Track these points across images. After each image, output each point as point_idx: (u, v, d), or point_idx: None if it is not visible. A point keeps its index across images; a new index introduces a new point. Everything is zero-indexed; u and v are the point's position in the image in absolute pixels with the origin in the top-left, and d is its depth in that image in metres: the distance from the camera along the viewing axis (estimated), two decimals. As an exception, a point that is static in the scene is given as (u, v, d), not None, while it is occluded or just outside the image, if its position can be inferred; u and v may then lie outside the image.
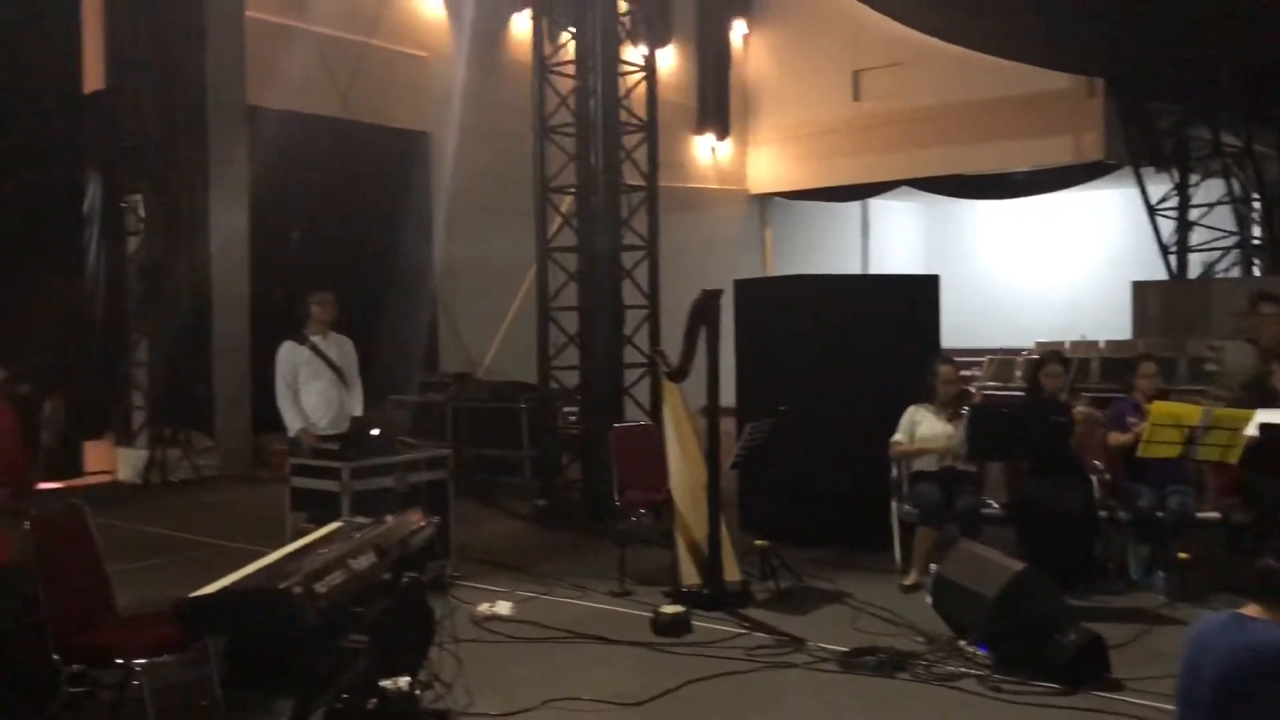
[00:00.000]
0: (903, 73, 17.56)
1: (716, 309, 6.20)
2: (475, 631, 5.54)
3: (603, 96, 8.52)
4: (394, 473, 6.30)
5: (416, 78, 13.65)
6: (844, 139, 18.37)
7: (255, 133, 11.82)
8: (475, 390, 11.10)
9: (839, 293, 8.30)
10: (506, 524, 8.79)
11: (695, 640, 5.47)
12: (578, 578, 6.73)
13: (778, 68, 19.23)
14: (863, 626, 5.69)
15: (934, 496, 6.38)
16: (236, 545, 7.79)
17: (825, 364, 7.57)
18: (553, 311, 9.06)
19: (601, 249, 8.63)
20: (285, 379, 6.77)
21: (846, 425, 7.29)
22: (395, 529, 4.19)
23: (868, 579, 6.58)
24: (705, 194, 18.61)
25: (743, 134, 19.52)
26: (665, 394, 6.78)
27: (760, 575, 6.45)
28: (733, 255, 18.06)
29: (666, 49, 16.70)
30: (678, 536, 6.34)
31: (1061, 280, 21.02)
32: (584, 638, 5.54)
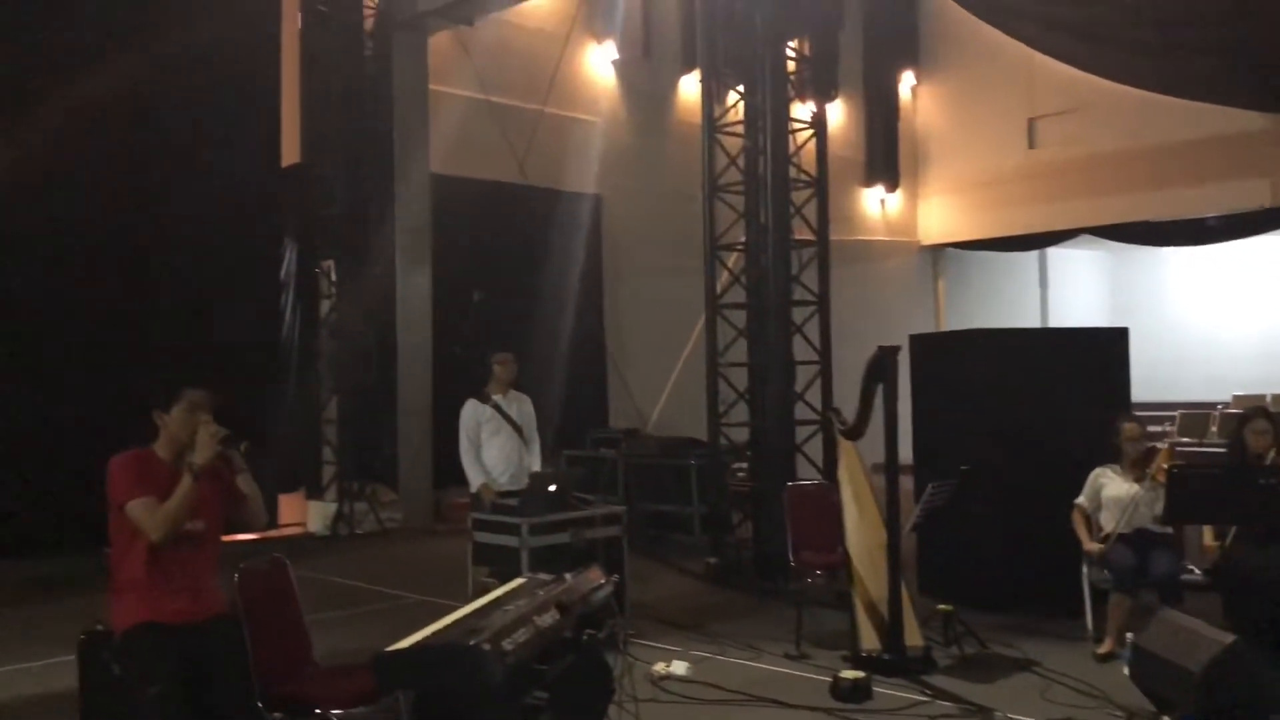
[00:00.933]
0: (1081, 118, 17.03)
1: (894, 366, 6.09)
2: (652, 691, 5.54)
3: (772, 155, 8.56)
4: (571, 529, 6.40)
5: (588, 142, 14.05)
6: (1019, 187, 17.90)
7: (438, 200, 12.39)
8: (645, 446, 11.19)
9: (1023, 347, 8.04)
10: (678, 581, 8.78)
11: (876, 707, 5.32)
12: (752, 638, 6.66)
13: (948, 117, 18.95)
14: (1054, 697, 5.42)
15: (1129, 561, 6.06)
16: (419, 597, 8.07)
17: (1009, 421, 7.32)
18: (722, 368, 9.09)
19: (771, 305, 8.62)
20: (469, 436, 6.99)
21: (1032, 485, 7.02)
22: (577, 586, 4.24)
23: (1057, 647, 6.28)
24: (875, 246, 18.40)
25: (913, 185, 19.26)
26: (841, 452, 6.69)
27: (943, 641, 6.23)
28: (904, 308, 17.76)
29: (834, 103, 16.68)
30: (855, 599, 6.20)
31: (1259, 329, 19.75)
32: (762, 701, 5.46)
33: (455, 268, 12.42)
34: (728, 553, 8.91)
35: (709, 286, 9.13)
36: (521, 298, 12.89)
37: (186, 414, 4.07)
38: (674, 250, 13.10)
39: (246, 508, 4.22)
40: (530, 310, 12.87)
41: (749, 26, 8.68)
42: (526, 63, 13.42)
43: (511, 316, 12.45)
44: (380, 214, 12.13)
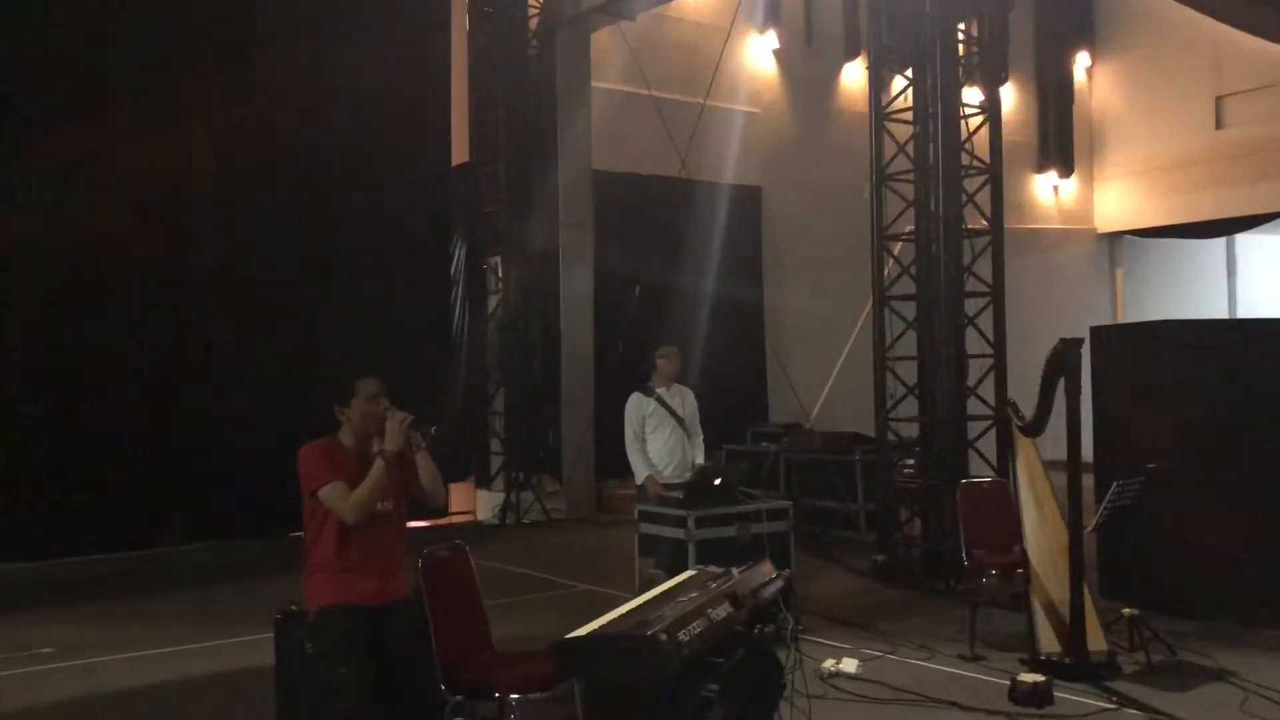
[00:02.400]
0: (1274, 94, 15.96)
1: (1077, 359, 5.84)
2: (822, 687, 5.47)
3: (943, 141, 8.32)
4: (737, 523, 6.38)
5: (749, 133, 13.98)
6: (1205, 170, 16.91)
7: (601, 196, 12.55)
8: (808, 441, 11.07)
9: (1214, 338, 7.61)
10: (843, 579, 8.66)
11: (1058, 713, 5.13)
12: (923, 638, 6.51)
13: (1127, 99, 18.07)
14: (1253, 709, 5.11)
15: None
16: (587, 586, 8.19)
17: (1203, 416, 6.93)
18: (890, 361, 8.89)
19: (941, 295, 8.38)
20: (634, 428, 7.04)
21: (1227, 484, 6.63)
22: (748, 579, 4.23)
23: (1257, 656, 5.92)
24: (1048, 235, 17.71)
25: (1088, 170, 18.45)
26: (1019, 449, 6.45)
27: (1128, 647, 5.94)
28: (1080, 298, 17.04)
29: (1005, 86, 16.11)
30: (1034, 600, 5.97)
31: None
32: (938, 702, 5.33)
33: (616, 262, 12.54)
34: (895, 550, 8.72)
35: (876, 277, 8.93)
36: (682, 291, 12.92)
37: (366, 404, 4.24)
38: (835, 241, 12.92)
39: (428, 488, 4.33)
40: (690, 304, 12.89)
41: (917, 10, 8.45)
42: (687, 56, 13.43)
43: (672, 310, 12.50)
44: (543, 210, 12.36)
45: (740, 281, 13.64)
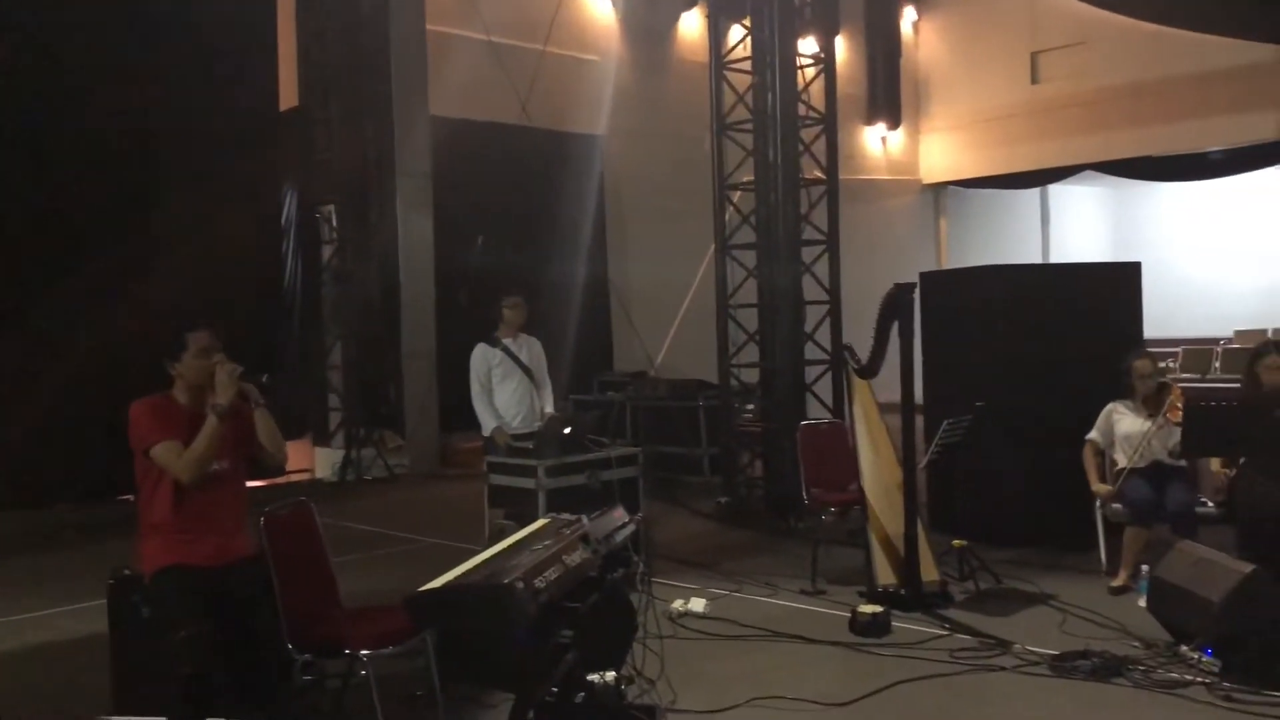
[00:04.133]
0: (1085, 52, 16.84)
1: (910, 303, 6.06)
2: (672, 628, 5.57)
3: (781, 91, 8.46)
4: (587, 471, 6.41)
5: (589, 82, 13.87)
6: (1022, 124, 17.75)
7: (438, 141, 12.25)
8: (654, 389, 11.19)
9: (1034, 283, 8.01)
10: (690, 522, 8.83)
11: (895, 641, 5.37)
12: (767, 575, 6.71)
13: (950, 53, 18.74)
14: (1071, 629, 5.46)
15: (1144, 495, 6.08)
16: (434, 540, 8.10)
17: (1021, 358, 7.32)
18: (731, 308, 9.05)
19: (780, 244, 8.56)
20: (480, 380, 6.96)
21: (1044, 421, 7.04)
22: (601, 525, 4.26)
23: (1071, 580, 6.32)
24: (877, 185, 18.28)
25: (914, 123, 19.09)
26: (855, 391, 6.67)
27: (958, 576, 6.28)
28: (907, 246, 17.70)
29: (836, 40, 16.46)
30: (871, 536, 6.23)
31: (1261, 265, 19.69)
32: (782, 636, 5.51)
33: (458, 211, 12.31)
34: (739, 492, 8.95)
35: (718, 226, 9.06)
36: (525, 241, 12.81)
37: (197, 359, 4.05)
38: (678, 190, 13.00)
39: (267, 446, 4.17)
40: (534, 253, 12.79)
41: (755, -41, 8.53)
42: (526, 1, 13.20)
43: (515, 259, 12.38)
44: (380, 158, 12.00)
45: (584, 230, 13.61)
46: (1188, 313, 18.11)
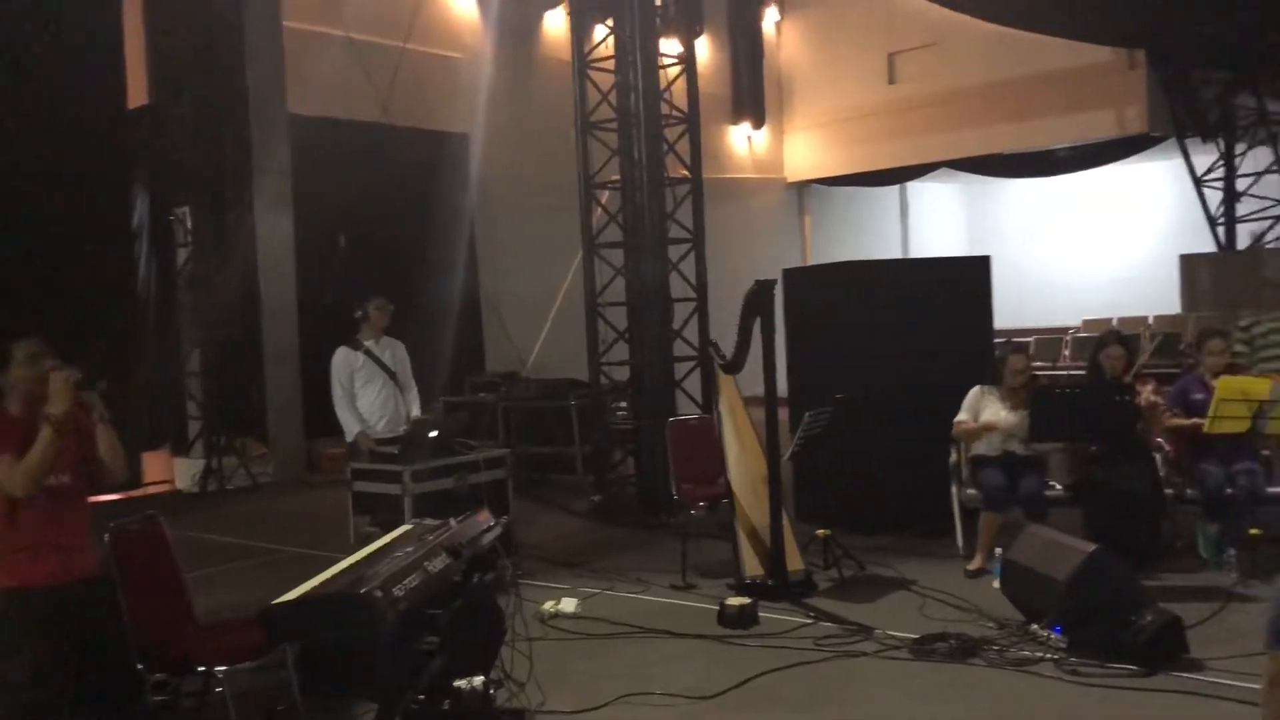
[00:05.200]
0: (938, 53, 17.40)
1: (770, 299, 6.17)
2: (542, 629, 5.56)
3: (643, 90, 8.51)
4: (454, 474, 6.34)
5: (453, 79, 13.71)
6: (880, 122, 18.24)
7: (297, 141, 11.93)
8: (525, 389, 11.14)
9: (890, 277, 8.25)
10: (563, 521, 8.81)
11: (763, 631, 5.46)
12: (639, 572, 6.75)
13: (811, 54, 19.13)
14: (930, 613, 5.65)
15: (998, 481, 6.32)
16: (298, 550, 7.90)
17: (878, 350, 7.53)
18: (600, 307, 9.07)
19: (647, 242, 8.62)
20: (341, 384, 6.82)
21: (901, 410, 7.25)
22: (466, 529, 4.21)
23: (931, 565, 6.54)
24: (743, 184, 18.55)
25: (778, 122, 19.44)
26: (720, 386, 6.77)
27: (823, 564, 6.43)
28: (773, 244, 18.01)
29: (699, 40, 16.65)
30: (738, 528, 6.33)
31: (1107, 257, 20.73)
32: (652, 632, 5.55)
33: (319, 212, 12.01)
34: (611, 490, 8.98)
35: (584, 225, 9.07)
36: (392, 241, 12.58)
37: (27, 368, 3.83)
38: (547, 189, 12.93)
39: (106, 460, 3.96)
40: (399, 254, 12.58)
41: (615, -41, 8.56)
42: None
43: (380, 260, 12.15)
44: (237, 157, 11.62)
45: (451, 230, 13.44)
46: (1039, 303, 18.94)
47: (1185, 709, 4.27)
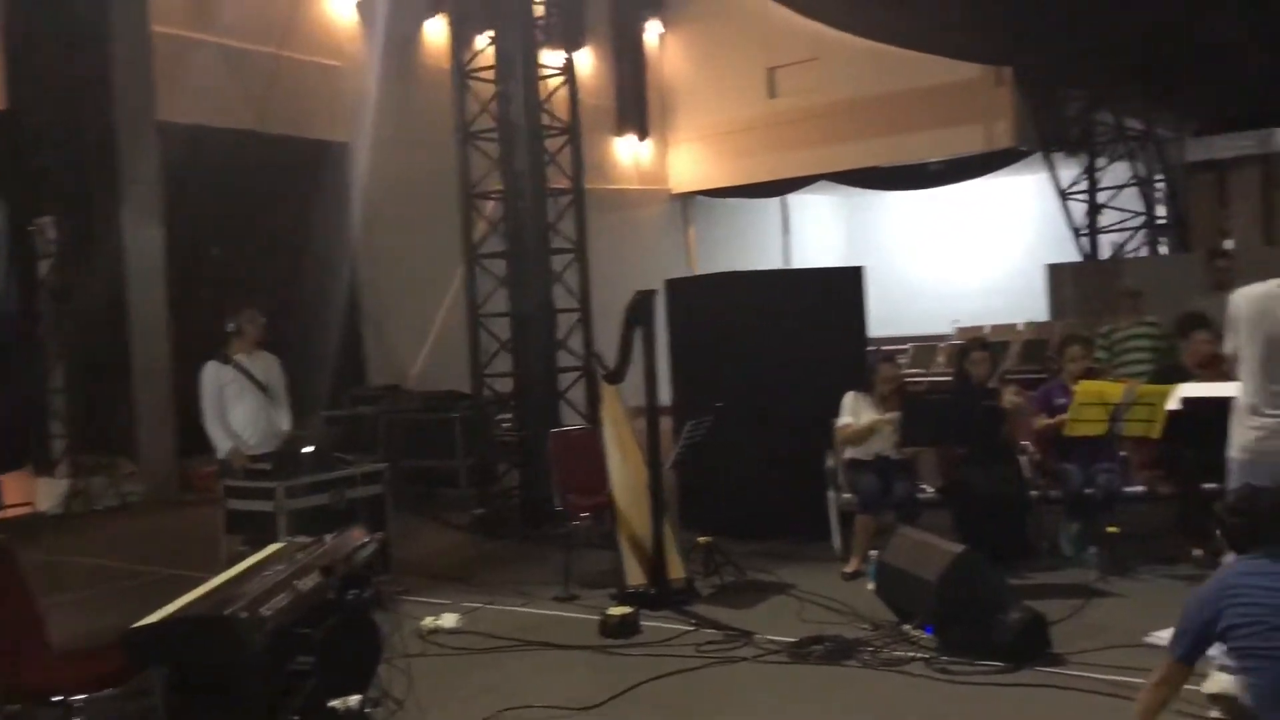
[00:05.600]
0: (817, 68, 17.77)
1: (651, 309, 6.22)
2: (422, 645, 5.48)
3: (524, 100, 8.50)
4: (330, 490, 6.21)
5: (330, 87, 13.46)
6: (761, 135, 18.54)
7: (167, 149, 11.55)
8: (406, 401, 10.99)
9: (769, 287, 8.40)
10: (445, 535, 8.71)
11: (644, 640, 5.48)
12: (522, 585, 6.71)
13: (693, 67, 19.34)
14: (808, 616, 5.75)
15: (873, 485, 6.48)
16: (170, 571, 7.61)
17: (758, 359, 7.65)
18: (482, 318, 9.00)
19: (529, 252, 8.60)
20: (211, 400, 6.63)
21: (780, 418, 7.38)
22: (338, 547, 4.14)
23: (810, 569, 6.65)
24: (628, 195, 18.65)
25: (662, 134, 19.60)
26: (603, 396, 6.78)
27: (704, 572, 6.49)
28: (658, 255, 18.12)
29: (582, 51, 16.71)
30: (620, 538, 6.35)
31: (979, 267, 21.45)
32: (533, 645, 5.52)
33: (190, 221, 11.64)
34: (495, 503, 8.90)
35: (465, 235, 8.99)
36: (268, 251, 12.27)
37: None
38: (429, 199, 12.77)
39: None
40: (276, 265, 12.28)
41: (494, -31, 8.54)
42: (260, 3, 12.67)
43: (255, 271, 11.83)
44: (103, 166, 11.19)
45: (330, 241, 13.16)
46: (915, 312, 19.47)
47: (1047, 702, 4.43)
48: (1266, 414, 4.17)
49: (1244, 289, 4.42)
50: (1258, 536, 3.33)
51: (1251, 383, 4.24)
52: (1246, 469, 4.25)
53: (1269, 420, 4.15)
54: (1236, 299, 4.38)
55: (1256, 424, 4.19)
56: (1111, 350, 7.67)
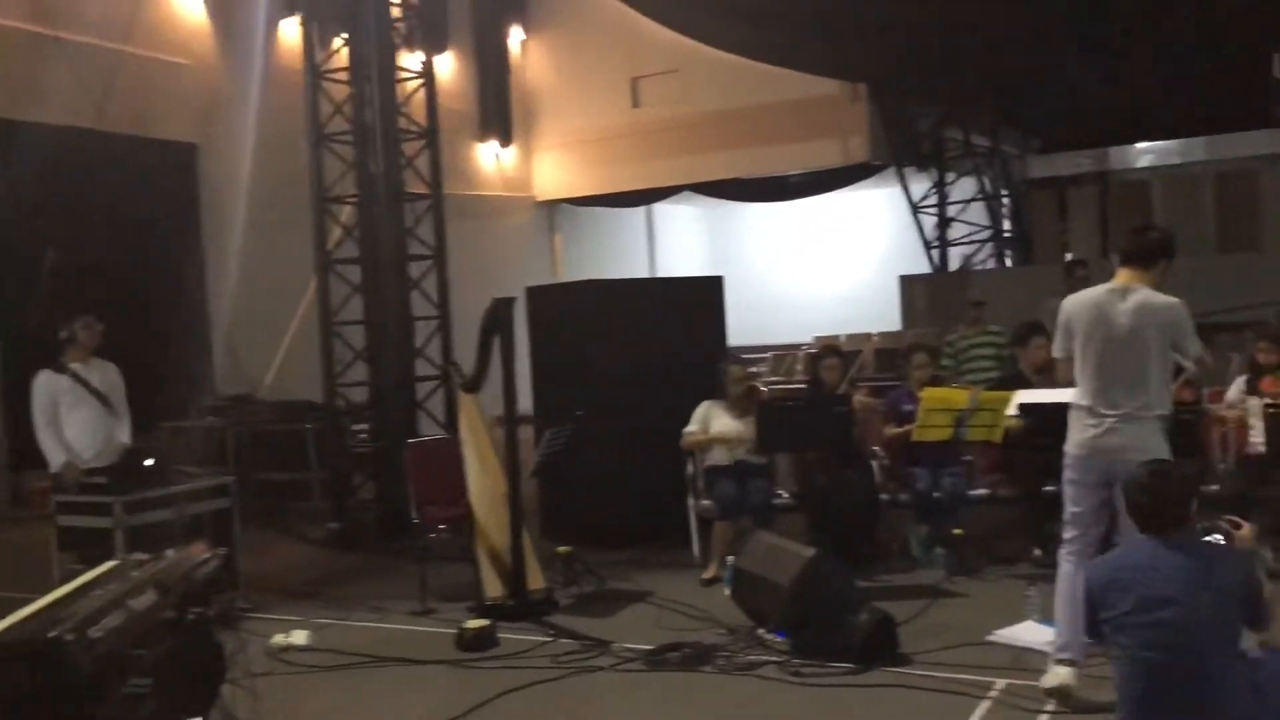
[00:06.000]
0: (680, 79, 17.98)
1: (509, 317, 6.16)
2: (270, 664, 5.30)
3: (380, 103, 8.34)
4: (173, 504, 5.95)
5: (179, 86, 12.94)
6: (625, 145, 18.64)
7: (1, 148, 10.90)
8: (258, 412, 10.64)
9: (629, 296, 8.43)
10: (298, 550, 8.45)
11: (502, 652, 5.41)
12: (377, 600, 6.55)
13: (557, 74, 19.33)
14: (666, 624, 5.77)
15: (729, 491, 6.56)
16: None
17: (619, 367, 7.66)
18: (337, 326, 8.78)
19: (385, 259, 8.44)
20: (44, 411, 6.28)
21: (641, 426, 7.39)
22: (177, 564, 3.98)
23: (670, 576, 6.68)
24: (491, 201, 18.49)
25: (526, 140, 19.51)
26: (461, 406, 6.69)
27: (564, 582, 6.46)
28: (522, 262, 18.03)
29: (444, 56, 16.50)
30: (479, 549, 6.27)
31: (837, 277, 22.03)
32: (387, 661, 5.39)
33: (25, 223, 11.01)
34: (350, 516, 8.69)
35: (319, 241, 8.76)
36: (108, 255, 11.68)
37: None
38: (281, 204, 12.41)
39: None
40: (118, 270, 11.70)
41: (349, -32, 8.36)
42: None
43: (94, 277, 11.25)
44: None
45: (177, 245, 12.64)
46: (776, 321, 19.87)
47: (894, 701, 4.55)
48: (1102, 413, 4.36)
49: (1074, 295, 4.60)
50: (1159, 516, 3.45)
51: (1088, 385, 4.42)
52: (1081, 465, 4.43)
53: (1106, 419, 4.35)
54: (1068, 305, 4.56)
55: (1093, 422, 4.38)
56: (957, 358, 7.97)
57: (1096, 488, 4.41)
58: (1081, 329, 4.45)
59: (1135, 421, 4.31)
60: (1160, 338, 4.33)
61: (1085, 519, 4.46)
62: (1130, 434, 4.30)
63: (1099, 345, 4.39)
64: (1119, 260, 4.51)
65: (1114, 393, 4.35)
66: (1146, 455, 4.13)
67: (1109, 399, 4.35)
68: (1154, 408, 4.34)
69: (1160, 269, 4.41)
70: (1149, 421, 4.33)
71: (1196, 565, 3.36)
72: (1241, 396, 6.50)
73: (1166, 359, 4.39)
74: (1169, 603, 3.32)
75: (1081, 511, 4.46)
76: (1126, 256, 4.46)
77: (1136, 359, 4.33)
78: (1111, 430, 4.33)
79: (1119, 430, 4.32)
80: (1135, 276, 4.40)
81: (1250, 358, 6.68)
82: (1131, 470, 3.64)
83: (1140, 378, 4.33)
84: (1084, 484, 4.44)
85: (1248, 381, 6.52)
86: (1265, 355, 6.47)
